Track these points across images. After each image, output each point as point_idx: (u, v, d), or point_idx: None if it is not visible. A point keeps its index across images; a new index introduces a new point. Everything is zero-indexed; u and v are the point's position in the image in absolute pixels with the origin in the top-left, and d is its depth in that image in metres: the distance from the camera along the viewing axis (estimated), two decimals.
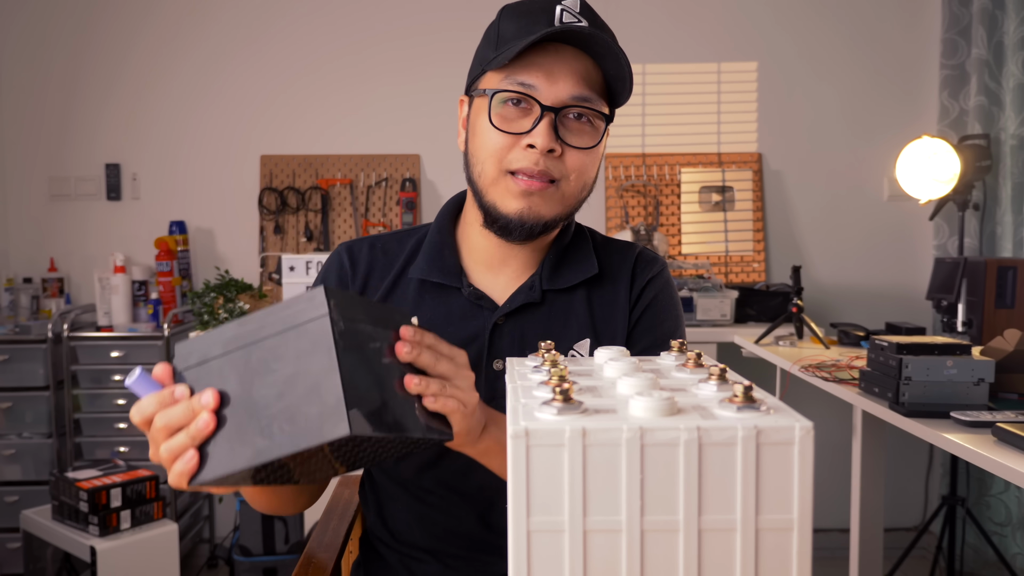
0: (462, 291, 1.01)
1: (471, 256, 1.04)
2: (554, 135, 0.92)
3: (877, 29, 3.11)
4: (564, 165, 0.94)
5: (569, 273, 1.03)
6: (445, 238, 1.05)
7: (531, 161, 0.92)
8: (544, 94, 0.92)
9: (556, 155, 0.93)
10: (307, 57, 3.11)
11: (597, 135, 0.96)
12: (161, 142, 3.12)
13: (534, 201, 0.94)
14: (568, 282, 1.02)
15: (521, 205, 0.94)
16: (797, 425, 0.48)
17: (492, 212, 0.96)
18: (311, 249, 3.06)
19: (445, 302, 1.01)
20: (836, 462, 2.97)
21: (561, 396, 0.51)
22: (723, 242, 3.08)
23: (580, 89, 0.92)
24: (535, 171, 0.92)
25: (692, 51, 3.13)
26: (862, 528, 2.15)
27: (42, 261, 3.10)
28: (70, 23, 3.08)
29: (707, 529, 0.49)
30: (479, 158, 0.96)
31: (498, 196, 0.95)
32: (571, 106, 0.93)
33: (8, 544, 2.66)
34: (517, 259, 1.03)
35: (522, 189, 0.93)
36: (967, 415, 1.39)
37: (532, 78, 0.92)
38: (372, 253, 1.06)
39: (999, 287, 2.38)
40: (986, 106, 2.88)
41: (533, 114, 0.92)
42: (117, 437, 2.71)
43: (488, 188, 0.96)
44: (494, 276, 1.03)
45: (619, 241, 1.11)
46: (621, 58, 0.91)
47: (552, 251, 1.04)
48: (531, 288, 1.01)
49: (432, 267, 1.02)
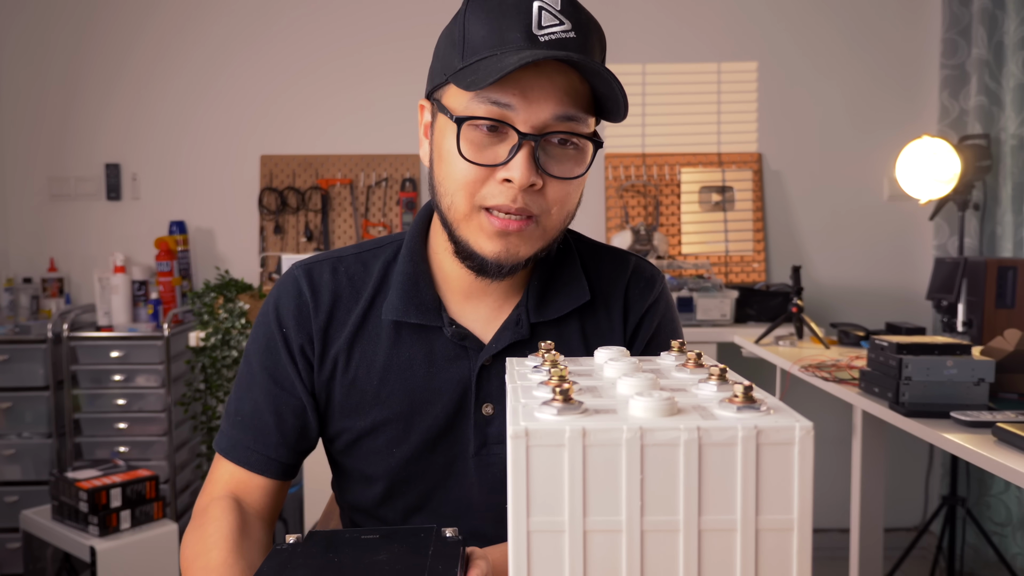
0: (443, 330, 0.91)
1: (446, 285, 0.93)
2: (534, 167, 0.80)
3: (877, 29, 3.11)
4: (545, 199, 0.82)
5: (557, 302, 0.93)
6: (419, 267, 0.92)
7: (508, 198, 0.80)
8: (521, 117, 0.78)
9: (536, 188, 0.81)
10: (307, 57, 3.11)
11: (584, 161, 0.83)
12: (161, 142, 3.12)
13: (511, 242, 0.83)
14: (557, 312, 0.92)
15: (498, 247, 0.83)
16: (797, 425, 0.48)
17: (465, 249, 0.85)
18: (311, 249, 3.06)
19: (425, 342, 0.91)
20: (836, 462, 2.97)
21: (561, 396, 0.51)
22: (723, 242, 3.08)
23: (563, 108, 0.79)
24: (512, 208, 0.81)
25: (692, 51, 3.13)
26: (862, 528, 2.15)
27: (42, 261, 3.10)
28: (70, 23, 3.08)
29: (707, 529, 0.49)
30: (447, 189, 0.83)
31: (471, 234, 0.84)
32: (553, 132, 0.80)
33: (8, 544, 2.66)
34: (497, 289, 0.92)
35: (498, 229, 0.82)
36: (967, 415, 1.39)
37: (507, 97, 0.78)
38: (336, 279, 0.93)
39: (999, 287, 2.38)
40: (986, 106, 2.87)
41: (509, 141, 0.80)
42: (117, 437, 2.71)
43: (459, 223, 0.84)
44: (473, 308, 0.93)
45: (609, 252, 0.99)
46: (612, 82, 0.78)
47: (536, 277, 0.93)
48: (517, 323, 0.91)
49: (408, 305, 0.90)
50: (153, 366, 2.70)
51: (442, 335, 0.91)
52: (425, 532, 0.73)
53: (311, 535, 0.74)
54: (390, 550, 0.71)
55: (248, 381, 0.94)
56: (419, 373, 0.91)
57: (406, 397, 0.91)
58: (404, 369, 0.92)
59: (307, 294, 0.92)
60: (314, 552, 0.70)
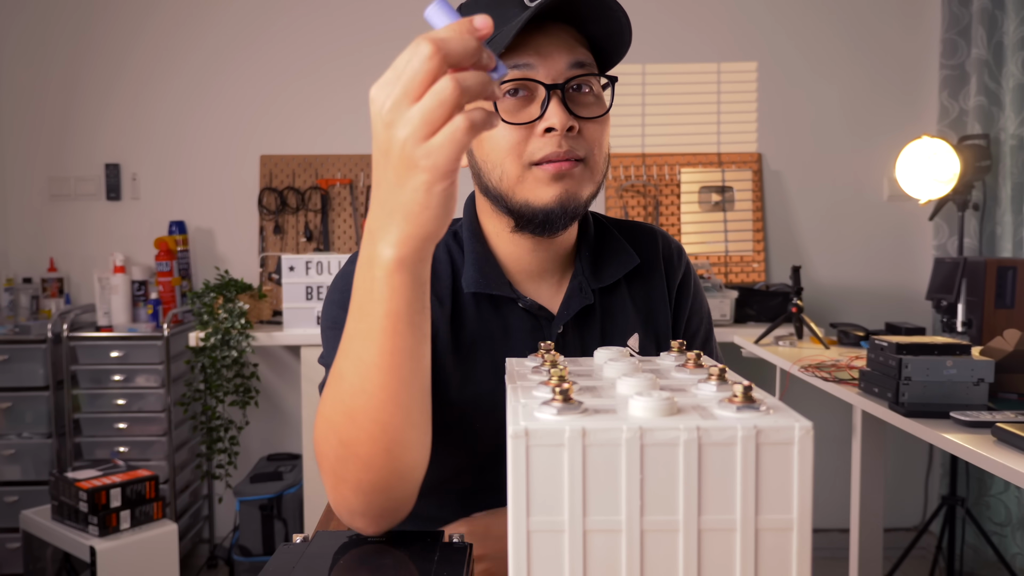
0: (518, 303, 0.94)
1: (509, 266, 0.96)
2: (568, 111, 0.85)
3: (877, 29, 3.11)
4: (585, 140, 0.87)
5: (611, 268, 0.98)
6: (485, 246, 0.96)
7: (554, 145, 0.85)
8: (542, 72, 0.85)
9: (575, 132, 0.86)
10: (307, 57, 3.11)
11: (604, 101, 0.90)
12: (161, 142, 3.12)
13: (569, 183, 0.87)
14: (612, 277, 0.97)
15: (558, 190, 0.86)
16: (797, 425, 0.48)
17: (526, 211, 0.88)
18: (311, 249, 3.06)
19: (502, 316, 0.94)
20: (836, 462, 2.97)
21: (561, 396, 0.51)
22: (723, 242, 3.08)
23: (574, 56, 0.86)
24: (560, 154, 0.85)
25: (692, 51, 3.13)
26: (862, 528, 2.15)
27: (42, 261, 3.10)
28: (70, 23, 3.08)
29: (707, 529, 0.49)
30: (495, 161, 0.87)
31: (529, 191, 0.87)
32: (573, 78, 0.86)
33: (8, 544, 2.66)
34: (552, 263, 0.96)
35: (552, 173, 0.86)
36: (967, 415, 1.39)
37: (525, 58, 0.85)
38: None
39: (999, 287, 2.38)
40: (986, 106, 2.88)
41: (538, 97, 0.86)
42: (117, 437, 2.71)
43: (515, 188, 0.88)
44: (536, 285, 0.97)
45: (637, 225, 1.06)
46: (615, 8, 0.84)
47: (584, 248, 0.98)
48: (581, 290, 0.95)
49: (483, 278, 0.93)
50: (153, 366, 2.70)
51: (516, 308, 0.94)
52: (432, 537, 0.73)
53: (318, 535, 0.74)
54: (396, 554, 0.71)
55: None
56: (499, 345, 0.93)
57: (493, 373, 0.91)
58: (486, 341, 0.93)
59: None
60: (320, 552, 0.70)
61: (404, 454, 0.69)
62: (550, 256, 0.96)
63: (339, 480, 0.71)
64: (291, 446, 3.12)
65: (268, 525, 2.68)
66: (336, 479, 0.71)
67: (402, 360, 0.65)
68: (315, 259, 2.58)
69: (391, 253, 0.61)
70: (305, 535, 0.73)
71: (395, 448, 0.68)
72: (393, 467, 0.69)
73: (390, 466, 0.69)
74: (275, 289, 2.94)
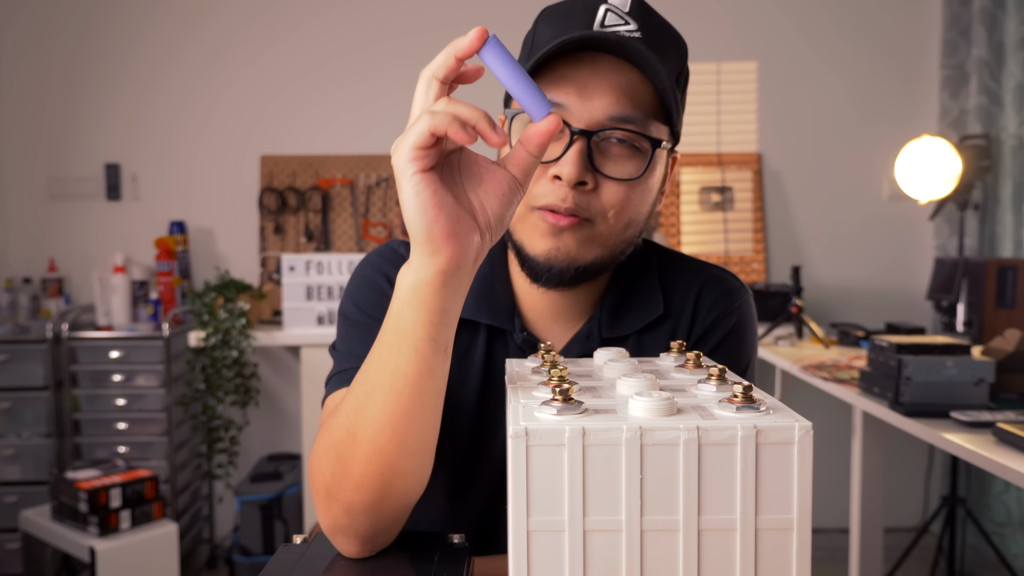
0: (514, 335, 0.87)
1: (524, 299, 0.89)
2: (586, 164, 0.76)
3: (878, 28, 3.11)
4: (600, 201, 0.78)
5: (631, 318, 0.88)
6: (496, 269, 0.89)
7: (558, 197, 0.77)
8: (576, 115, 0.76)
9: (588, 188, 0.78)
10: (307, 57, 3.11)
11: (642, 162, 0.79)
12: (161, 142, 3.12)
13: (564, 240, 0.79)
14: (630, 328, 0.88)
15: (548, 245, 0.79)
16: (796, 425, 0.48)
17: (521, 252, 0.82)
18: (311, 249, 3.06)
19: (494, 347, 0.88)
20: (836, 462, 2.97)
21: (561, 396, 0.51)
22: (723, 242, 3.08)
23: (620, 107, 0.76)
24: (561, 208, 0.77)
25: (692, 51, 3.09)
26: (862, 528, 2.15)
27: (42, 261, 3.10)
28: (70, 23, 3.08)
29: (707, 529, 0.49)
30: None
31: (526, 234, 0.81)
32: (608, 128, 0.77)
33: (7, 544, 2.66)
34: (570, 307, 0.88)
35: (549, 225, 0.78)
36: (967, 415, 1.39)
37: (562, 95, 0.77)
38: None
39: (999, 287, 2.38)
40: (986, 106, 2.87)
41: (564, 139, 0.77)
42: (117, 437, 2.71)
43: (516, 225, 0.82)
44: (547, 324, 0.89)
45: (685, 261, 0.94)
46: (660, 71, 0.75)
47: (611, 292, 0.89)
48: (588, 337, 0.87)
49: (480, 305, 0.87)
50: (153, 366, 2.70)
51: (512, 341, 0.87)
52: (432, 538, 0.73)
53: (318, 536, 0.74)
54: (396, 555, 0.71)
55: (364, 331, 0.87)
56: (488, 378, 0.88)
57: (473, 406, 0.87)
58: (474, 374, 0.88)
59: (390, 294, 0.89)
60: (320, 553, 0.70)
61: (397, 480, 0.68)
62: (567, 303, 0.88)
63: (331, 499, 0.70)
64: (291, 446, 3.12)
65: (268, 525, 2.68)
66: (329, 497, 0.70)
67: (403, 384, 0.64)
68: (315, 259, 2.58)
69: (404, 273, 0.64)
70: (305, 535, 0.73)
71: (388, 473, 0.67)
72: (385, 491, 0.68)
73: (382, 490, 0.68)
74: (275, 289, 2.94)
